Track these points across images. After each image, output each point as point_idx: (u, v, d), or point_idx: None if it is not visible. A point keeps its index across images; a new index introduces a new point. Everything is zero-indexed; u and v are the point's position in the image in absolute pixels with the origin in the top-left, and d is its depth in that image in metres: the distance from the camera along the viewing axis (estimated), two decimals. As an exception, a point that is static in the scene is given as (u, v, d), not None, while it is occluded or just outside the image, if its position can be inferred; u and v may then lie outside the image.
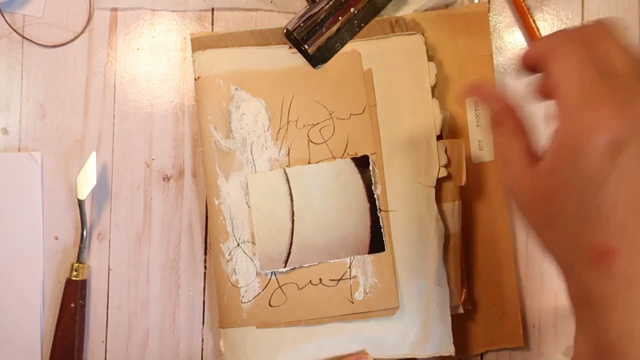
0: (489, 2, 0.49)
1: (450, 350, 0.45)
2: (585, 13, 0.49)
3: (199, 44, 0.47)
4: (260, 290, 0.46)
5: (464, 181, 0.46)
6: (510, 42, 0.49)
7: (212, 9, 0.49)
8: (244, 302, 0.46)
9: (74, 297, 0.48)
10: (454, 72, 0.48)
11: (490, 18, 0.49)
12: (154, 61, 0.50)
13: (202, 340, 0.49)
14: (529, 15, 0.48)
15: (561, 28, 0.49)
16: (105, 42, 0.50)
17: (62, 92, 0.50)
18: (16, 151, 0.50)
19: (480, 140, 0.48)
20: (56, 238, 0.49)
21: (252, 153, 0.47)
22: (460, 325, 0.47)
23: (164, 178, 0.49)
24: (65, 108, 0.50)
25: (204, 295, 0.49)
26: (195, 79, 0.47)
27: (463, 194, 0.47)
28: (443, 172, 0.46)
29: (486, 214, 0.48)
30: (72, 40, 0.50)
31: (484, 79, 0.48)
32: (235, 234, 0.46)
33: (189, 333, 0.49)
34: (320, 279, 0.46)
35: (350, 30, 0.47)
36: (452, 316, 0.46)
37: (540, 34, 0.48)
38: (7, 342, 0.48)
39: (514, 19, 0.49)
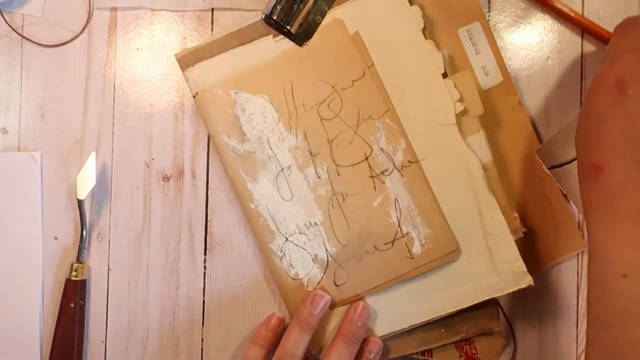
0: (489, 1, 0.49)
1: (526, 279, 0.44)
2: (586, 13, 0.49)
3: (186, 61, 0.47)
4: (322, 275, 0.47)
5: (481, 110, 0.46)
6: (511, 42, 0.49)
7: (212, 9, 0.49)
8: (310, 291, 0.46)
9: (73, 297, 0.48)
10: (436, 10, 0.48)
11: (490, 18, 0.49)
12: (153, 61, 0.50)
13: (202, 340, 0.49)
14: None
15: (561, 28, 0.49)
16: (105, 41, 0.50)
17: (61, 92, 0.50)
18: (15, 151, 0.49)
19: (484, 66, 0.47)
20: (56, 238, 0.49)
21: (271, 148, 0.47)
22: (523, 247, 0.46)
23: (163, 178, 0.49)
24: (65, 108, 0.50)
25: (204, 295, 0.49)
26: (194, 96, 0.47)
27: (483, 123, 0.47)
28: (459, 107, 0.46)
29: (510, 135, 0.48)
30: (71, 40, 0.50)
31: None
32: (281, 230, 0.47)
33: (189, 333, 0.49)
34: (375, 246, 0.46)
35: (327, 1, 0.47)
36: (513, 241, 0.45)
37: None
38: (7, 342, 0.48)
39: (514, 19, 0.49)
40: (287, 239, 0.47)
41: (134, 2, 0.49)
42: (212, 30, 0.49)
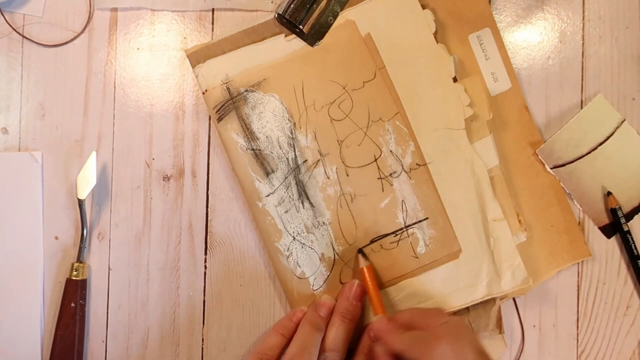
0: (489, 1, 0.49)
1: (525, 280, 0.46)
2: (586, 12, 0.49)
3: (196, 57, 0.47)
4: (328, 273, 0.47)
5: (490, 115, 0.47)
6: (511, 41, 0.49)
7: (213, 9, 0.49)
8: (316, 289, 0.47)
9: (74, 296, 0.48)
10: (448, 15, 0.48)
11: (490, 18, 0.49)
12: (153, 61, 0.50)
13: (202, 340, 0.49)
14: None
15: (562, 28, 0.49)
16: (105, 41, 0.50)
17: (62, 92, 0.50)
18: (16, 151, 0.50)
19: (493, 72, 0.48)
20: (56, 238, 0.49)
21: (281, 147, 0.47)
22: (527, 253, 0.47)
23: (164, 178, 0.49)
24: (65, 108, 0.50)
25: (204, 295, 0.49)
26: (203, 93, 0.47)
27: (491, 127, 0.47)
28: (468, 112, 0.46)
29: (516, 141, 0.48)
30: (72, 40, 0.50)
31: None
32: (288, 229, 0.47)
33: (189, 333, 0.49)
34: (381, 245, 0.47)
35: (339, 1, 0.47)
36: (517, 246, 0.46)
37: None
38: (7, 342, 0.48)
39: (515, 19, 0.49)
40: (294, 237, 0.47)
41: (135, 2, 0.49)
42: (212, 30, 0.49)
